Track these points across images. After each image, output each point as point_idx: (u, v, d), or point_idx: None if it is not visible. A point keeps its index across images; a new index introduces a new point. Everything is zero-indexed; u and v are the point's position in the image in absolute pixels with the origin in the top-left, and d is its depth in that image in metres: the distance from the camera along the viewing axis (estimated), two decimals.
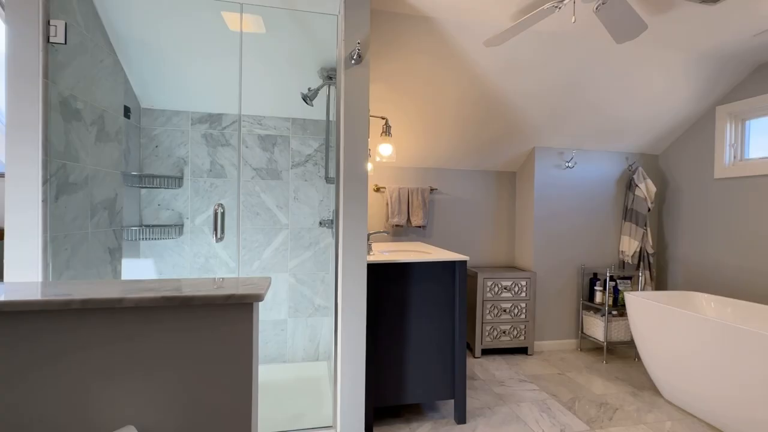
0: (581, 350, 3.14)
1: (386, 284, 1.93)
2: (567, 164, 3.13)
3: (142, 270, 2.30)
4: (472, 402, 2.24)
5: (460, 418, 2.00)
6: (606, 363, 2.88)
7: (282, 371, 2.43)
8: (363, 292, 1.72)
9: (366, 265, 1.73)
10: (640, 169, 3.13)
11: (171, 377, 0.94)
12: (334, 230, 1.81)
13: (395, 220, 2.98)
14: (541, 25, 2.11)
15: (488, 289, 2.92)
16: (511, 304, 2.96)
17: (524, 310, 2.98)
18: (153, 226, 2.28)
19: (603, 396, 2.36)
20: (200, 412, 0.96)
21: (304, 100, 2.21)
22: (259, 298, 0.95)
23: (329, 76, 2.27)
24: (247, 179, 2.45)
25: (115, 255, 2.03)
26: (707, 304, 2.57)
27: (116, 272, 2.05)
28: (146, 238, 2.25)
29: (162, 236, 2.27)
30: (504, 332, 2.96)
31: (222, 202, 2.39)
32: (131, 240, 2.21)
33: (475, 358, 2.92)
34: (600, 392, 2.41)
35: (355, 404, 1.73)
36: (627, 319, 2.90)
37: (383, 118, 2.39)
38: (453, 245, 3.24)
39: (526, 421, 2.04)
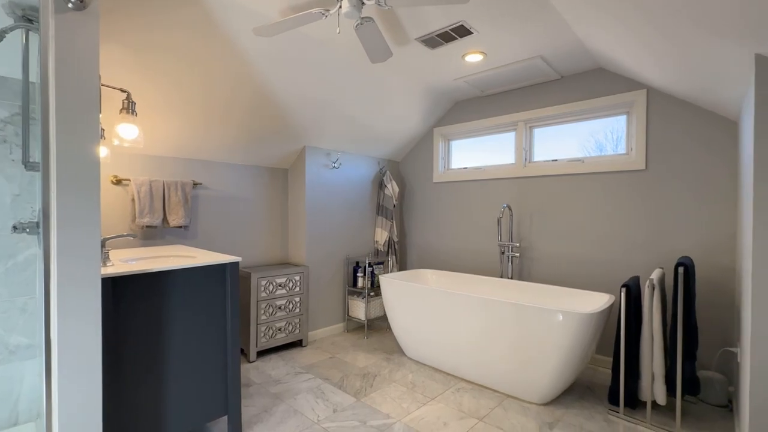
0: (348, 331, 3.53)
1: (135, 300, 1.54)
2: (333, 164, 3.42)
3: None
4: (248, 410, 2.11)
5: None
6: (367, 338, 3.35)
7: None
8: (96, 316, 1.30)
9: (101, 280, 1.31)
10: (388, 172, 3.80)
11: None
12: (41, 237, 1.27)
13: (146, 221, 2.43)
14: (311, 29, 2.18)
15: (262, 288, 2.83)
16: (286, 300, 2.98)
17: (298, 304, 3.06)
18: None
19: (365, 367, 2.72)
20: None
21: None
22: None
23: (28, 18, 1.58)
24: None
25: None
26: (431, 276, 3.39)
27: None
28: None
29: None
30: (279, 329, 2.94)
31: None
32: None
33: (250, 362, 2.77)
34: (363, 365, 2.76)
35: None
36: (381, 298, 3.47)
37: (124, 91, 1.89)
38: (223, 246, 2.96)
39: (303, 412, 2.10)
